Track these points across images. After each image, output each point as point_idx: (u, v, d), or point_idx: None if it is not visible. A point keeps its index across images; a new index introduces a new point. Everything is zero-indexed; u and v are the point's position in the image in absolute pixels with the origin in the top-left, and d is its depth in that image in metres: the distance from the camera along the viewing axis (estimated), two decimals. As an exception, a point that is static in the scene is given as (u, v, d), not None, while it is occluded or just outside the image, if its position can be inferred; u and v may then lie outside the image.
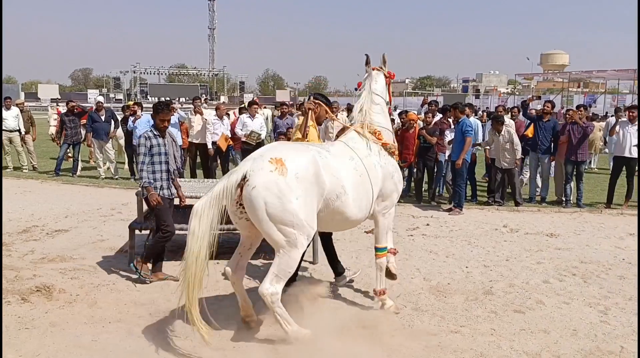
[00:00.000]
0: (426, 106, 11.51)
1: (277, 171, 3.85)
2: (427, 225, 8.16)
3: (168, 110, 5.54)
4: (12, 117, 12.62)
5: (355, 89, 6.03)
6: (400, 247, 6.83)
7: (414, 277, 5.82)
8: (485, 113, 13.57)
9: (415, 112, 12.01)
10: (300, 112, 12.42)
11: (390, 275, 5.07)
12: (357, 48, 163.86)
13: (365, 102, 4.85)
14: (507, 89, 77.38)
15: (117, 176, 12.04)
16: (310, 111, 5.11)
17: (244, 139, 10.74)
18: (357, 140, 4.62)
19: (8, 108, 12.65)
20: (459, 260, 6.44)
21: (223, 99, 69.03)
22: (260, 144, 10.48)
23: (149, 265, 5.52)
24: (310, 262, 6.16)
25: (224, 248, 5.21)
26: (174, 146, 5.65)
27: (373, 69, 5.00)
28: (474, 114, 11.36)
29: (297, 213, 3.86)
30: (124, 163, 12.98)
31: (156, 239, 5.53)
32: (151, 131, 5.44)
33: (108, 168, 12.30)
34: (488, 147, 9.77)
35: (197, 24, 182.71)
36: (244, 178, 3.85)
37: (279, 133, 11.58)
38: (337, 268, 5.53)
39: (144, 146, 5.32)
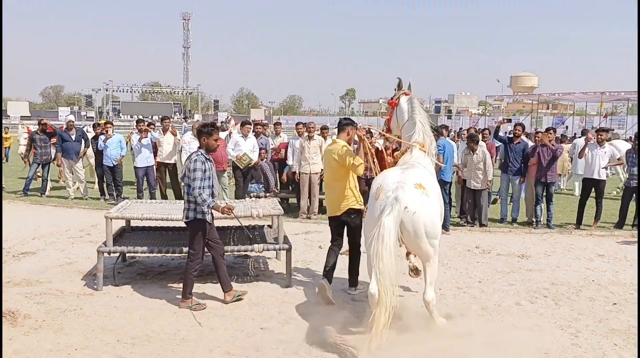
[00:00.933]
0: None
1: (424, 194, 4.56)
2: (400, 246, 8.15)
3: (217, 129, 5.54)
4: (-22, 136, 12.34)
5: (385, 108, 6.57)
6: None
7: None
8: (456, 134, 13.78)
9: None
10: (276, 132, 12.41)
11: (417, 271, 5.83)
12: (330, 67, 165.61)
13: (425, 124, 5.32)
14: (478, 110, 78.88)
15: (86, 196, 11.83)
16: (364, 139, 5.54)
17: (235, 160, 10.44)
18: (426, 158, 5.19)
19: (-26, 127, 12.39)
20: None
21: (197, 117, 68.74)
22: (251, 167, 10.36)
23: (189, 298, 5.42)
24: (284, 285, 6.09)
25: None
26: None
27: (407, 94, 5.55)
28: (447, 134, 11.59)
29: (439, 226, 4.76)
30: (93, 182, 12.76)
31: (187, 269, 5.42)
32: (202, 154, 5.37)
33: (77, 188, 12.08)
34: (464, 168, 9.78)
35: (171, 42, 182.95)
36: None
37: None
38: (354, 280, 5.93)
39: (200, 170, 5.25)
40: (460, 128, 32.36)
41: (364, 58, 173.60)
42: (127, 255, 6.71)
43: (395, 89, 5.62)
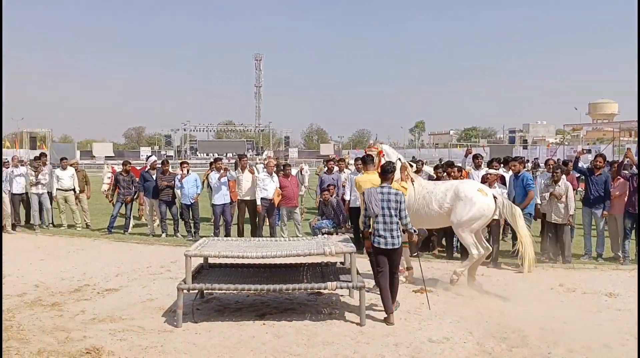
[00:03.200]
0: (470, 156, 11.40)
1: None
2: (480, 284, 7.89)
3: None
4: (68, 177, 13.21)
5: (368, 147, 8.31)
6: (451, 308, 6.64)
7: (466, 341, 5.58)
8: (534, 164, 13.30)
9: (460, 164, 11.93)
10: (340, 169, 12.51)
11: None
12: (399, 101, 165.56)
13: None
14: (555, 139, 75.98)
15: (165, 234, 12.27)
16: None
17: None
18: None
19: (64, 168, 13.28)
20: (515, 321, 6.16)
21: (268, 153, 70.30)
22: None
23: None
24: (357, 323, 6.00)
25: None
26: None
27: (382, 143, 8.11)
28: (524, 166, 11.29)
29: None
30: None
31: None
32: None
33: (158, 225, 12.57)
34: (545, 200, 9.39)
35: (244, 82, 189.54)
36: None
37: (323, 189, 11.67)
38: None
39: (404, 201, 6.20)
40: (536, 158, 31.35)
41: (432, 89, 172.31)
42: (205, 291, 6.87)
43: (374, 140, 6.98)
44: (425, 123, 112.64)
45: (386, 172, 6.37)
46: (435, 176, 10.21)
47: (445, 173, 10.04)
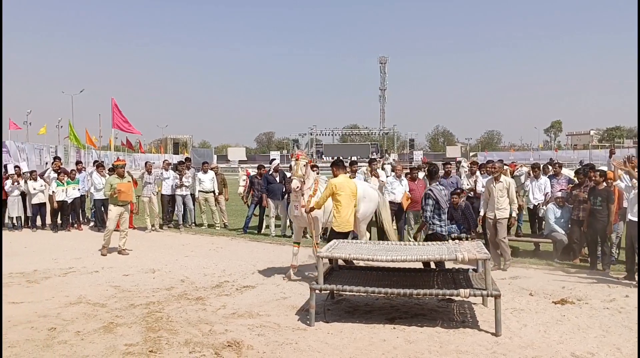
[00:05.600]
0: (614, 157, 10.54)
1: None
2: (626, 296, 7.26)
3: None
4: (209, 180, 14.20)
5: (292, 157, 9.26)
6: (595, 321, 6.18)
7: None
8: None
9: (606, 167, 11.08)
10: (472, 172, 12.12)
11: None
12: (531, 98, 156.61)
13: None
14: None
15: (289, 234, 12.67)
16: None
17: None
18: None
19: (205, 172, 14.30)
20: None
21: (393, 156, 70.04)
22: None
23: None
24: (492, 333, 5.79)
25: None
26: None
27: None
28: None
29: None
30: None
31: None
32: None
33: (289, 226, 13.03)
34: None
35: (368, 85, 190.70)
36: None
37: (451, 193, 11.37)
38: None
39: None
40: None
41: (570, 85, 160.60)
42: (335, 292, 7.01)
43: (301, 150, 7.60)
44: (562, 123, 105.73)
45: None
46: (576, 181, 9.54)
47: (587, 178, 9.35)
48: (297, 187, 8.06)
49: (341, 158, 12.32)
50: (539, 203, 10.79)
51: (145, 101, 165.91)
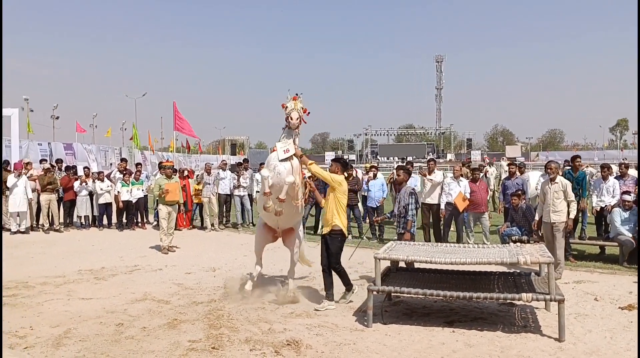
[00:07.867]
0: None
1: None
2: None
3: None
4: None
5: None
6: None
7: None
8: None
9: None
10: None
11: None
12: (596, 95, 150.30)
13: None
14: None
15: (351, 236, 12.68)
16: None
17: None
18: None
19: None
20: None
21: (450, 156, 69.03)
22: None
23: None
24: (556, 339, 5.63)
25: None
26: None
27: None
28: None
29: None
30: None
31: None
32: None
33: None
34: None
35: (425, 84, 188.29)
36: None
37: (512, 194, 11.10)
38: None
39: None
40: None
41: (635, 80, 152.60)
42: (392, 294, 6.99)
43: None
44: (629, 121, 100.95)
45: None
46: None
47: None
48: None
49: (397, 158, 12.17)
50: (606, 205, 10.35)
51: (204, 103, 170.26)
